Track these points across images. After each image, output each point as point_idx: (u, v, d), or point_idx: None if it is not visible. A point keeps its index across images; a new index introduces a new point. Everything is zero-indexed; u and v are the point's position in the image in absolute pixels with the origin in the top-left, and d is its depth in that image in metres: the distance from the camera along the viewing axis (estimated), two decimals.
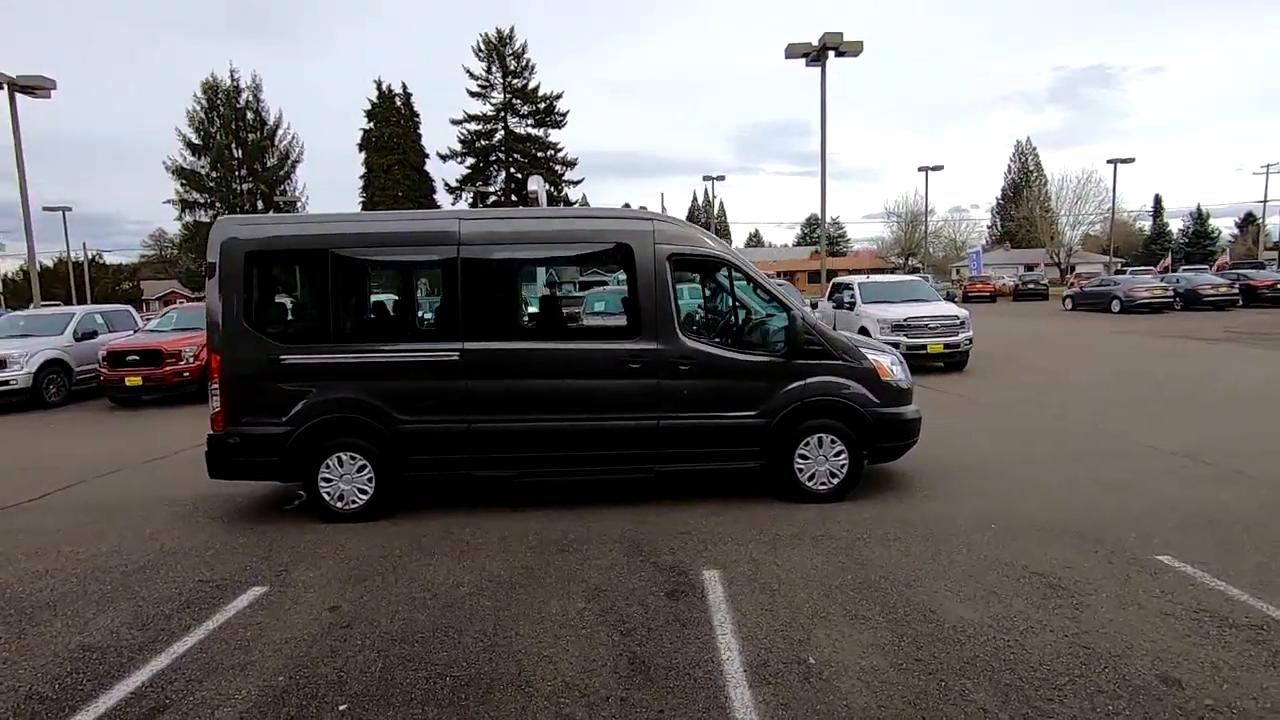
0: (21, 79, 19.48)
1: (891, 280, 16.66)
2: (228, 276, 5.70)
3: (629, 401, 5.79)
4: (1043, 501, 5.76)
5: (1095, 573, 4.37)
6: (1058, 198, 59.70)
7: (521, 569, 4.74)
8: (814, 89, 20.61)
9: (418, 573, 4.74)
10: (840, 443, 5.92)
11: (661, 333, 5.78)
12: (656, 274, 5.78)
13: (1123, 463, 6.84)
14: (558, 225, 5.90)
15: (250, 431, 5.76)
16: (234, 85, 52.98)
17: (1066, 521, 5.27)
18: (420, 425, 5.77)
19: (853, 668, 3.39)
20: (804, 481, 5.95)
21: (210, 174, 52.13)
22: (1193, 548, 4.70)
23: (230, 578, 4.76)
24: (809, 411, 5.89)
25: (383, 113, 55.97)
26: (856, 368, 5.95)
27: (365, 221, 5.92)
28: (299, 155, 55.19)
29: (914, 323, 13.44)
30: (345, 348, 5.79)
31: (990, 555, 4.71)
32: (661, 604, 4.14)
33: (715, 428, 5.85)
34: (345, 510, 5.81)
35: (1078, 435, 8.06)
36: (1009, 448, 7.64)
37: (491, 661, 3.55)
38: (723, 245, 6.06)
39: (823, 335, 5.92)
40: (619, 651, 3.61)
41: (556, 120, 57.40)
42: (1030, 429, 8.52)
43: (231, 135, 52.73)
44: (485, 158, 57.29)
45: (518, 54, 55.96)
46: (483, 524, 5.64)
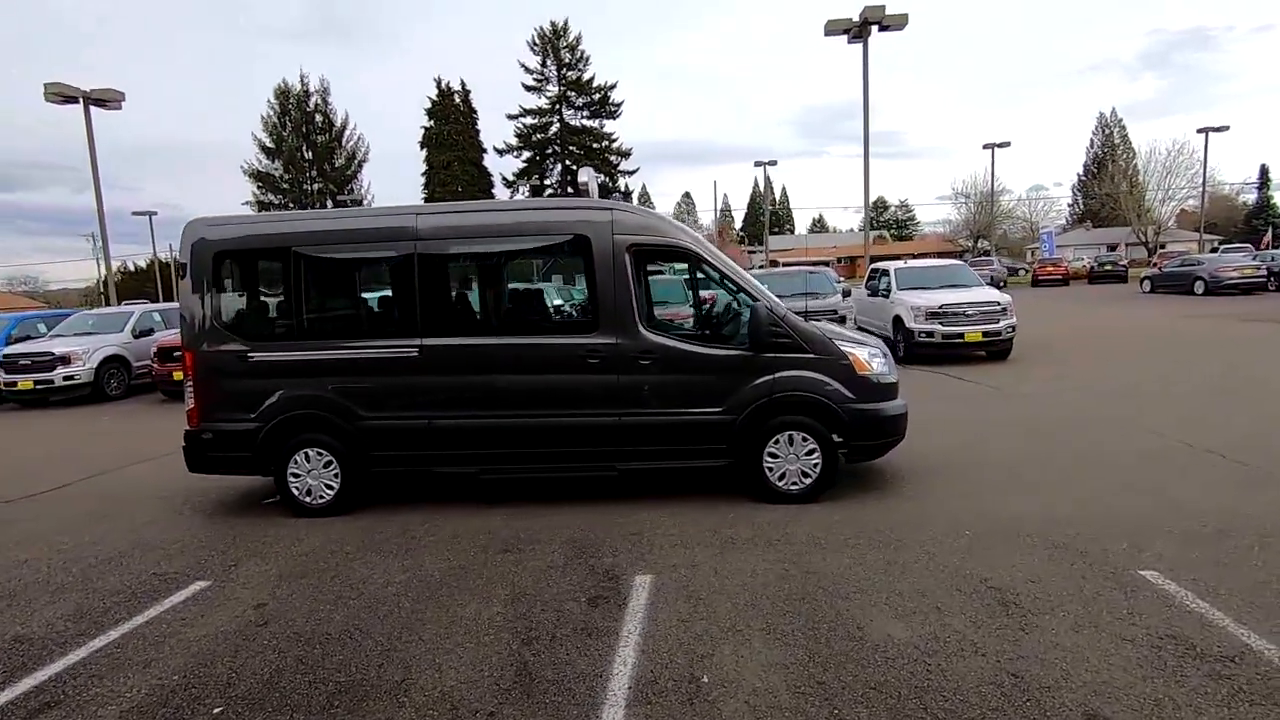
0: (94, 92, 20.81)
1: (930, 265, 15.80)
2: (198, 276, 5.84)
3: (588, 397, 5.62)
4: (1036, 505, 5.28)
5: (1061, 588, 3.94)
6: (1146, 171, 55.58)
7: (456, 569, 4.67)
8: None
9: (356, 570, 4.73)
10: (812, 440, 5.59)
11: (621, 326, 5.58)
12: (615, 266, 5.58)
13: (1147, 463, 6.22)
14: (514, 217, 5.76)
15: (222, 427, 5.90)
16: (304, 89, 55.21)
17: (1053, 528, 4.80)
18: (383, 421, 5.77)
19: (745, 689, 3.14)
20: (774, 481, 5.65)
21: (283, 176, 54.58)
22: (1187, 562, 4.18)
23: (182, 571, 4.87)
24: (778, 408, 5.58)
25: (442, 110, 57.16)
26: (829, 361, 5.59)
27: (327, 219, 5.96)
28: (365, 155, 57.09)
29: (950, 310, 12.70)
30: (309, 345, 5.85)
31: (951, 565, 4.33)
32: (578, 611, 3.98)
33: (679, 425, 5.62)
34: (313, 505, 5.89)
35: (1109, 432, 7.39)
36: (1026, 445, 7.07)
37: (381, 667, 3.48)
38: (688, 235, 5.79)
39: (792, 327, 5.58)
40: (512, 661, 3.47)
41: (611, 111, 57.31)
42: (1058, 425, 7.87)
43: (302, 138, 54.99)
44: (541, 151, 57.79)
45: (572, 46, 56.11)
46: (442, 521, 5.61)
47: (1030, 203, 68.01)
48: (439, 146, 57.34)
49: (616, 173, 58.53)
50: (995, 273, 36.01)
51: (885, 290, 14.50)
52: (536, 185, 57.43)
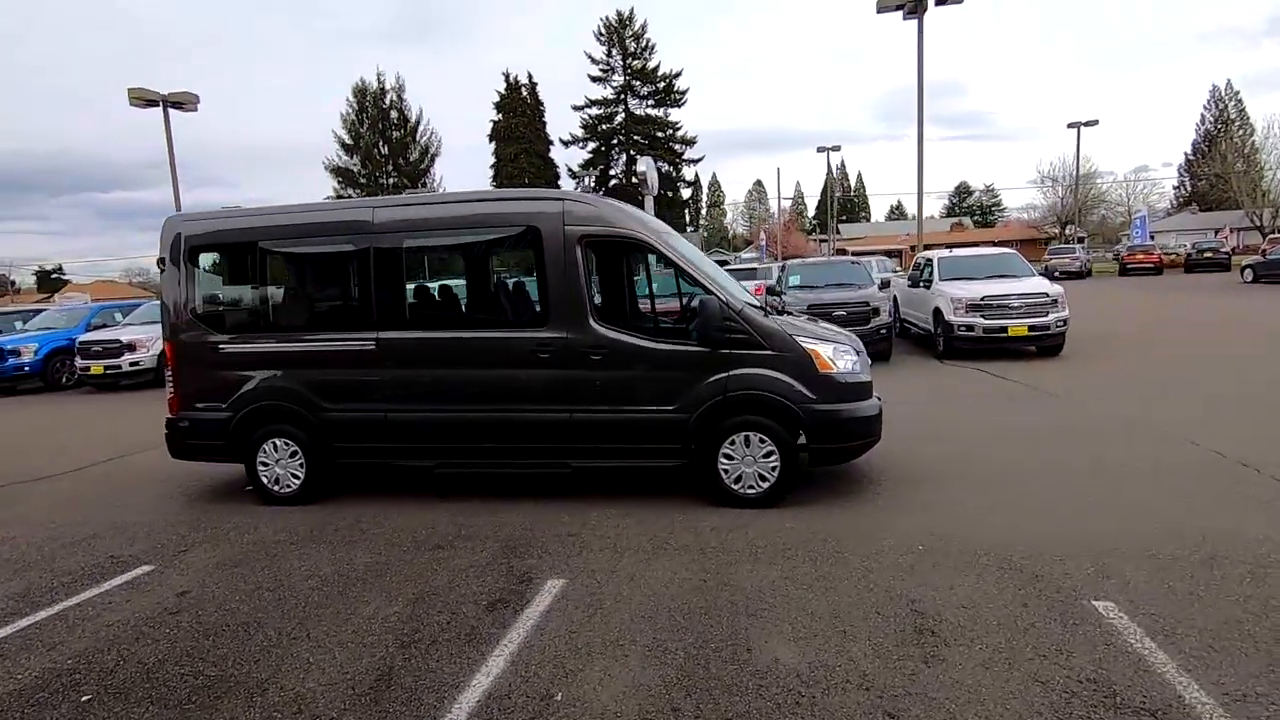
0: (171, 95, 22.16)
1: (977, 254, 14.76)
2: (174, 270, 6.06)
3: (540, 393, 5.50)
4: (1009, 520, 4.80)
5: (994, 617, 3.54)
6: (1264, 148, 50.50)
7: (381, 564, 4.65)
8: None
9: (289, 561, 4.78)
10: (770, 442, 5.27)
11: (572, 320, 5.42)
12: (566, 257, 5.41)
13: (1161, 477, 5.57)
14: (466, 210, 5.67)
15: (198, 416, 6.12)
16: (380, 87, 57.28)
17: (1016, 548, 4.34)
18: (343, 414, 5.83)
19: (595, 710, 2.95)
20: (729, 484, 5.37)
21: (360, 171, 56.89)
22: (1154, 592, 3.68)
23: (136, 555, 5.06)
24: (733, 407, 5.29)
25: (510, 103, 58.12)
26: (789, 358, 5.24)
27: (291, 213, 6.04)
28: (437, 149, 58.74)
29: (992, 302, 11.85)
30: (275, 337, 5.97)
31: (883, 584, 3.97)
32: (473, 615, 3.87)
33: (631, 422, 5.41)
34: (281, 494, 6.02)
35: (1137, 440, 6.69)
36: (1032, 454, 6.47)
37: (257, 663, 3.47)
38: (644, 224, 5.54)
39: (748, 322, 5.26)
40: (380, 666, 3.39)
41: (675, 99, 56.83)
42: (1082, 430, 7.18)
43: (378, 134, 57.11)
44: (606, 141, 57.93)
45: (637, 35, 55.87)
46: (394, 514, 5.62)
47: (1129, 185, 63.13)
48: (507, 139, 58.37)
49: (680, 161, 58.14)
50: (1078, 261, 33.65)
51: (927, 281, 13.71)
52: (601, 176, 57.74)
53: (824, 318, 12.23)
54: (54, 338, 16.27)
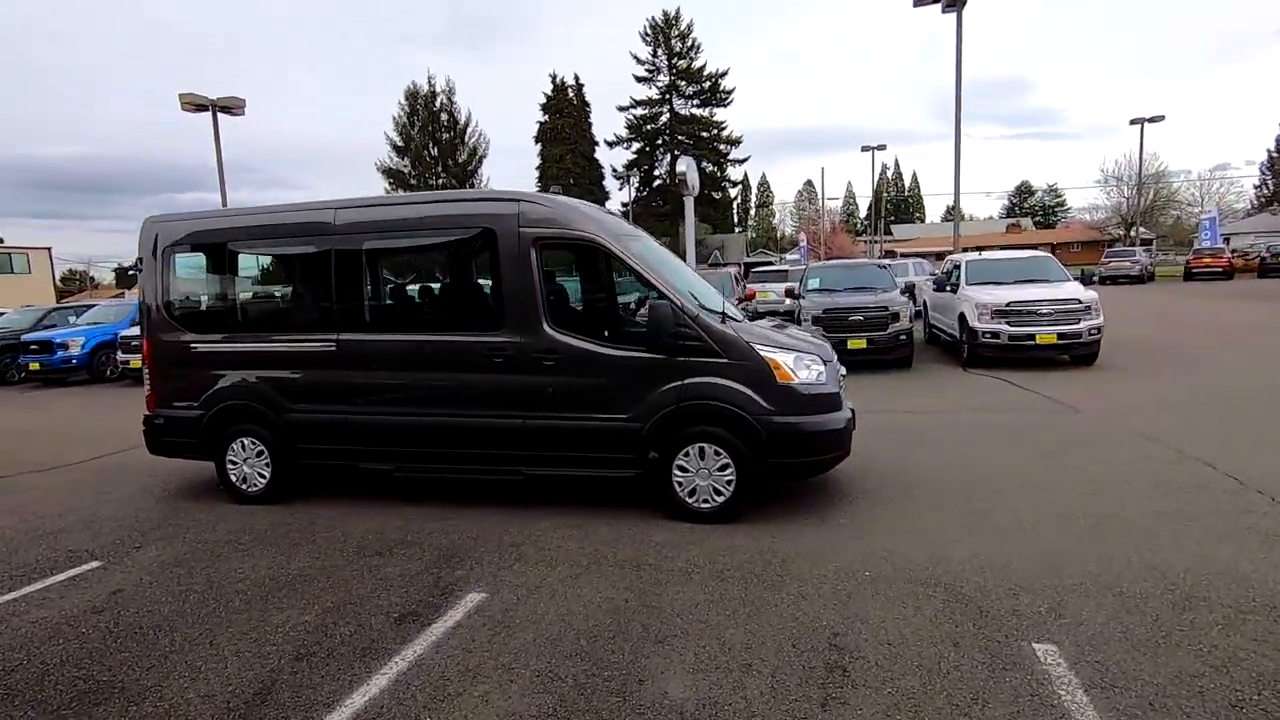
0: (220, 100, 23.00)
1: (1007, 257, 14.00)
2: (150, 270, 6.17)
3: (494, 398, 5.38)
4: (980, 545, 4.44)
5: (918, 657, 3.24)
6: None
7: (315, 570, 4.59)
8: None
9: (231, 563, 4.78)
10: (725, 455, 5.03)
11: (526, 324, 5.28)
12: (520, 260, 5.27)
13: (1164, 502, 5.09)
14: (423, 211, 5.60)
15: (171, 414, 6.22)
16: (431, 90, 58.48)
17: (973, 577, 4.00)
18: (306, 415, 5.83)
19: None
20: (683, 496, 5.15)
21: (411, 172, 58.18)
22: (1107, 637, 3.31)
23: (92, 550, 5.15)
24: (687, 417, 5.06)
25: (557, 105, 58.61)
26: (745, 367, 4.99)
27: (260, 214, 6.07)
28: (485, 150, 59.62)
29: (1019, 308, 11.22)
30: (243, 337, 6.02)
31: (811, 614, 3.69)
32: (378, 627, 3.76)
33: (584, 430, 5.24)
34: (249, 493, 6.07)
35: (1149, 460, 6.16)
36: (1035, 469, 6.02)
37: (149, 670, 3.43)
38: (599, 226, 5.33)
39: (704, 328, 5.02)
40: (266, 678, 3.31)
41: (721, 99, 56.41)
42: (1093, 448, 6.66)
43: (428, 136, 58.28)
44: (651, 141, 57.88)
45: (683, 34, 55.64)
46: (351, 517, 5.59)
47: (1204, 184, 59.59)
48: (553, 140, 58.89)
49: (725, 161, 57.69)
50: (1139, 264, 31.89)
51: (954, 285, 13.11)
52: (645, 176, 57.69)
53: (840, 323, 11.92)
54: (100, 332, 17.02)
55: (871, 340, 11.81)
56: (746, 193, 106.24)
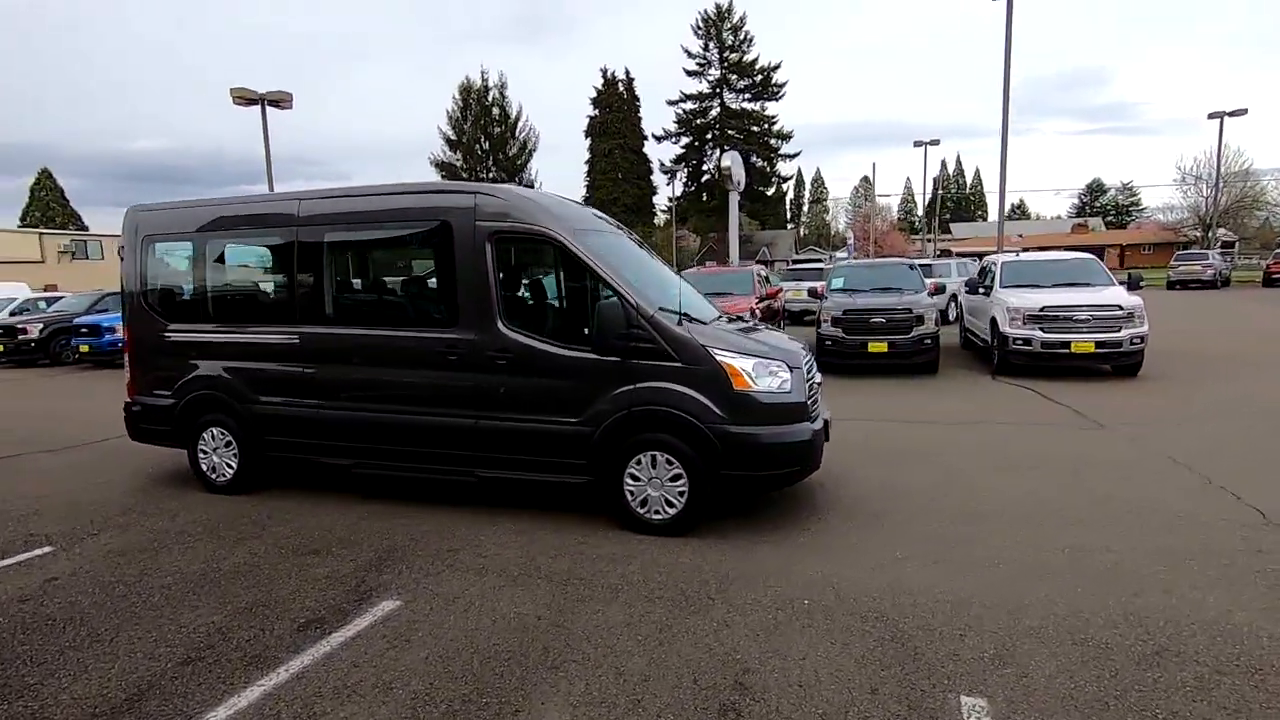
0: (268, 94, 23.65)
1: (1047, 259, 13.12)
2: (130, 259, 6.23)
3: (448, 396, 5.22)
4: (942, 576, 4.04)
5: (825, 704, 2.90)
6: None
7: (246, 567, 4.51)
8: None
9: (170, 555, 4.75)
10: (678, 464, 4.74)
11: (479, 321, 5.10)
12: (475, 255, 5.09)
13: (1169, 536, 4.57)
14: (383, 204, 5.46)
15: (148, 401, 6.28)
16: (484, 85, 59.20)
17: (919, 612, 3.62)
18: (271, 407, 5.79)
19: None
20: (634, 506, 4.88)
21: (462, 166, 59.06)
22: (1049, 694, 2.91)
23: (52, 534, 5.21)
24: (638, 423, 4.79)
25: (606, 99, 58.56)
26: (699, 372, 4.68)
27: (232, 205, 6.05)
28: (535, 144, 60.06)
29: (1054, 313, 10.48)
30: (213, 328, 6.01)
31: (729, 645, 3.39)
32: (278, 633, 3.63)
33: (535, 433, 5.03)
34: (217, 482, 6.08)
35: (1168, 486, 5.58)
36: (1034, 490, 5.52)
37: (39, 666, 3.38)
38: (555, 219, 5.04)
39: (657, 329, 4.73)
40: (144, 683, 3.20)
41: (773, 92, 55.39)
42: (1106, 469, 6.09)
43: (480, 130, 59.06)
44: (700, 135, 57.31)
45: (735, 27, 54.81)
46: (305, 512, 5.52)
47: None
48: (602, 135, 58.91)
49: (776, 156, 56.71)
50: (1211, 268, 29.83)
51: (986, 287, 12.39)
52: (694, 170, 57.18)
53: (860, 325, 11.39)
54: None
55: (893, 344, 11.24)
56: (800, 189, 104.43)
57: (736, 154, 39.56)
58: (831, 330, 11.70)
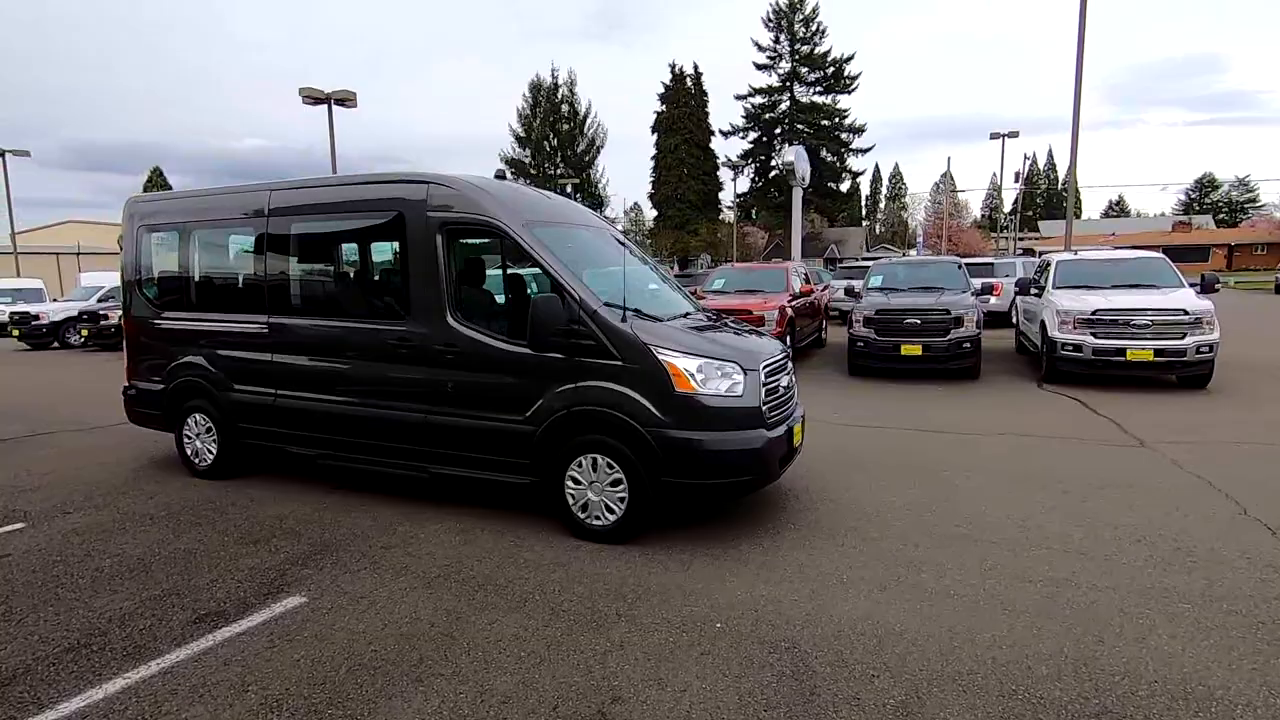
0: (334, 93, 24.56)
1: (1109, 258, 11.94)
2: (128, 248, 6.45)
3: (401, 390, 5.13)
4: (885, 607, 3.64)
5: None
6: None
7: (184, 553, 4.53)
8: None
9: (123, 538, 4.83)
10: (618, 469, 4.47)
11: (430, 314, 4.98)
12: (427, 246, 4.97)
13: (1168, 573, 3.98)
14: (342, 194, 5.41)
15: (141, 386, 6.49)
16: (554, 82, 59.93)
17: (835, 647, 3.24)
18: (245, 395, 5.87)
19: None
20: (575, 511, 4.65)
21: (530, 163, 60.02)
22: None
23: (29, 511, 5.41)
24: (579, 423, 4.55)
25: (674, 94, 58.06)
26: (641, 372, 4.39)
27: (214, 196, 6.14)
28: (603, 141, 60.43)
29: (1108, 317, 9.55)
30: (197, 316, 6.14)
31: (610, 670, 3.11)
32: (171, 625, 3.59)
33: (480, 430, 4.86)
34: (200, 467, 6.22)
35: (1193, 516, 4.90)
36: (1028, 514, 4.96)
37: None
38: (504, 209, 4.82)
39: (601, 327, 4.47)
40: (22, 667, 3.21)
41: (846, 85, 53.55)
42: (1131, 496, 5.43)
43: (548, 126, 59.85)
44: (769, 130, 56.05)
45: (808, 19, 53.27)
46: (271, 500, 5.54)
47: None
48: (669, 130, 58.50)
49: (847, 151, 54.91)
50: None
51: (1039, 288, 11.47)
52: (761, 166, 56.11)
53: (893, 326, 10.73)
54: None
55: (928, 347, 10.53)
56: (877, 184, 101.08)
57: (800, 148, 38.52)
58: (863, 331, 11.08)
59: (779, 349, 5.17)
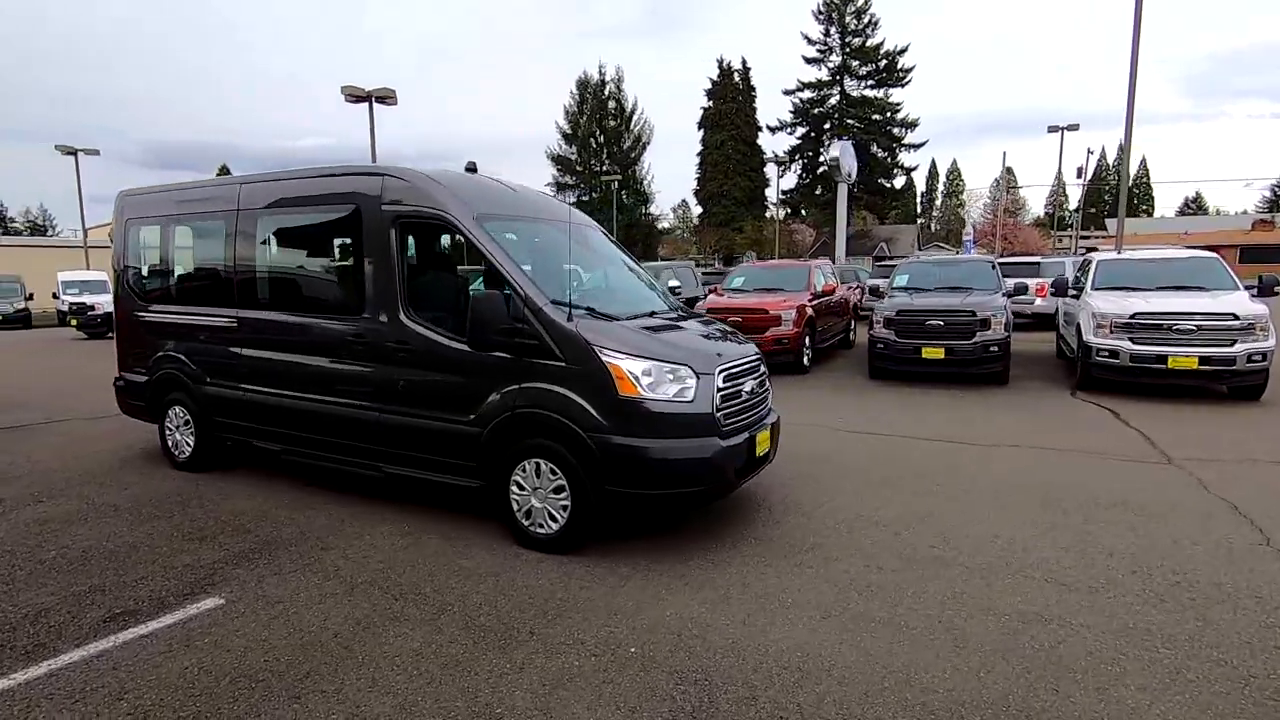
0: (375, 90, 24.99)
1: (1156, 258, 11.02)
2: (117, 241, 6.54)
3: (355, 387, 5.02)
4: (810, 639, 3.32)
5: None
6: None
7: (128, 547, 4.51)
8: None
9: (81, 529, 4.85)
10: (561, 475, 4.25)
11: (383, 310, 4.85)
12: (381, 239, 4.84)
13: (1156, 610, 3.53)
14: (305, 188, 5.31)
15: (130, 378, 6.58)
16: (600, 79, 59.98)
17: (748, 680, 2.95)
18: (216, 389, 5.87)
19: None
20: (519, 517, 4.45)
21: (576, 160, 60.23)
22: None
23: (1, 499, 5.49)
24: (522, 426, 4.35)
25: (721, 90, 57.43)
26: (583, 373, 4.15)
27: (190, 190, 6.15)
28: (649, 137, 60.20)
29: (1149, 321, 8.83)
30: (176, 309, 6.18)
31: (500, 695, 2.89)
32: (81, 624, 3.52)
33: (429, 430, 4.71)
34: (179, 459, 6.26)
35: (1202, 544, 4.39)
36: (1020, 543, 4.53)
37: None
38: (457, 202, 4.60)
39: (545, 325, 4.24)
40: None
41: (899, 78, 51.92)
42: (1138, 520, 4.93)
43: (595, 123, 59.92)
44: (818, 125, 54.81)
45: (860, 11, 51.83)
46: (241, 495, 5.52)
47: None
48: (715, 126, 57.92)
49: (899, 146, 53.28)
50: None
51: (1078, 289, 10.74)
52: (809, 162, 54.98)
53: (915, 328, 10.20)
54: None
55: (951, 350, 9.97)
56: (933, 181, 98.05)
57: (847, 143, 37.46)
58: (883, 332, 10.57)
59: (747, 352, 4.85)
